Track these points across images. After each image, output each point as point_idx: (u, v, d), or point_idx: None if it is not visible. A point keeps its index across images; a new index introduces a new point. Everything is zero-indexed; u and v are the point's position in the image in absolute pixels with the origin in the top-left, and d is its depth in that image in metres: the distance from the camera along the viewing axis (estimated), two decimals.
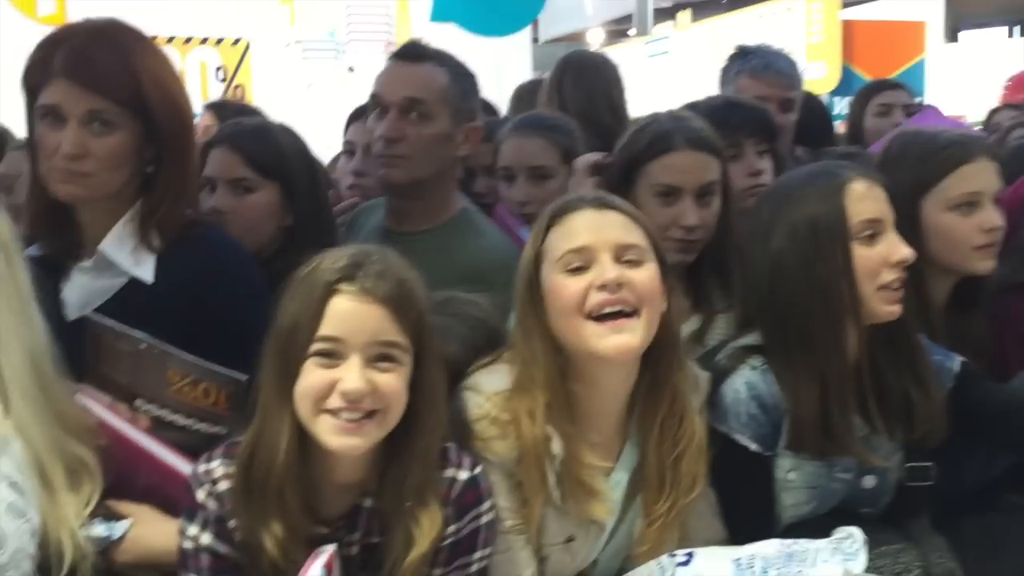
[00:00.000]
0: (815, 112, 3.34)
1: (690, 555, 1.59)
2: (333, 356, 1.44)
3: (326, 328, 1.44)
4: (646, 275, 1.59)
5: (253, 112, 3.13)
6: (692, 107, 2.37)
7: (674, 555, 1.61)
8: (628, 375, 1.65)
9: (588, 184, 2.15)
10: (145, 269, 1.77)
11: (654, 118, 2.11)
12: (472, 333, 1.77)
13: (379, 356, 1.46)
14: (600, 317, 1.56)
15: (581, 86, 3.10)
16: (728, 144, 2.25)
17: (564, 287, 1.58)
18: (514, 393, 1.61)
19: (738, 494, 1.76)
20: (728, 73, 2.97)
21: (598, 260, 1.57)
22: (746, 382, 1.77)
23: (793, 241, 1.77)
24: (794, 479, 1.79)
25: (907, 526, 1.86)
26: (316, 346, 1.44)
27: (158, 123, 1.75)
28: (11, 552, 1.43)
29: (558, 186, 2.47)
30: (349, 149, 2.86)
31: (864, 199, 1.77)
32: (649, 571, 1.63)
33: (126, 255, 1.77)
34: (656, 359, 1.63)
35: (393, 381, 1.46)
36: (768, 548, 1.56)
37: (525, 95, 3.67)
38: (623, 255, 1.59)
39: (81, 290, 1.80)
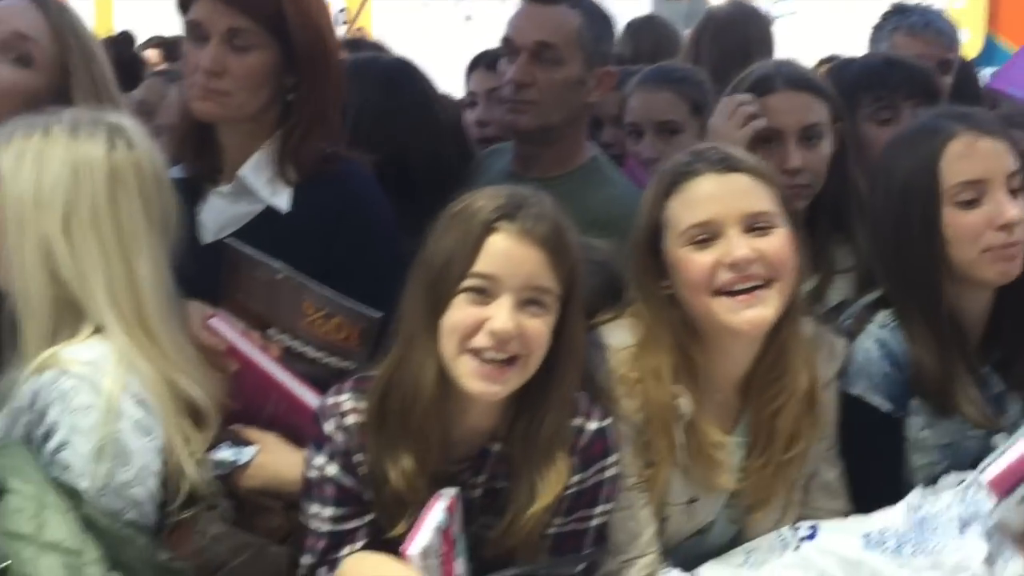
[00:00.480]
0: (967, 78, 3.16)
1: (814, 528, 1.54)
2: (484, 294, 1.42)
3: (481, 265, 1.41)
4: (777, 242, 1.51)
5: (383, 50, 3.11)
6: (847, 64, 2.26)
7: (797, 528, 1.56)
8: (758, 341, 1.59)
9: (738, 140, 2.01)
10: (281, 198, 1.77)
11: (758, 64, 2.05)
12: (593, 279, 1.72)
13: (530, 300, 1.42)
14: (731, 291, 1.50)
15: (718, 42, 3.00)
16: (883, 106, 2.15)
17: (690, 263, 1.52)
18: (640, 351, 1.57)
19: (867, 460, 1.69)
20: (882, 30, 2.81)
21: (725, 234, 1.50)
22: (876, 340, 1.70)
23: (887, 200, 1.72)
24: (927, 437, 1.71)
25: None
26: (468, 282, 1.42)
27: (296, 47, 1.74)
28: (137, 469, 1.46)
29: (689, 141, 2.36)
30: (471, 100, 2.80)
31: (964, 158, 1.66)
32: (770, 542, 1.58)
33: (264, 183, 1.77)
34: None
35: (540, 327, 1.43)
36: (895, 518, 1.49)
37: (638, 30, 3.54)
38: (752, 224, 1.51)
39: (217, 214, 1.81)
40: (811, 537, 1.51)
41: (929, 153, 1.68)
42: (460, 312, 1.42)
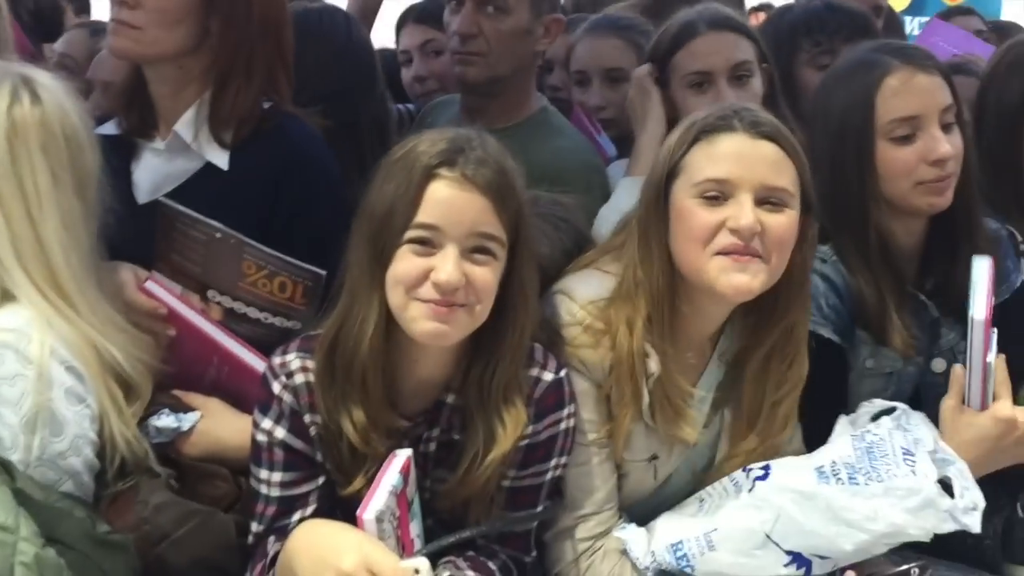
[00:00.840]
0: (893, 24, 3.16)
1: (767, 468, 1.53)
2: (428, 244, 1.37)
3: (423, 215, 1.37)
4: (784, 222, 1.48)
5: None
6: (786, 10, 2.25)
7: (749, 469, 1.54)
8: (733, 305, 1.56)
9: (653, 94, 2.01)
10: (220, 155, 1.69)
11: (679, 13, 2.04)
12: (559, 235, 1.69)
13: (475, 248, 1.38)
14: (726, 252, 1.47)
15: None
16: (823, 51, 2.16)
17: (695, 216, 1.47)
18: (614, 301, 1.54)
19: (816, 390, 1.65)
20: None
21: (737, 198, 1.46)
22: (819, 274, 1.69)
23: (824, 134, 1.72)
24: (872, 366, 1.72)
25: None
26: (411, 233, 1.37)
27: None
28: (71, 438, 1.40)
29: None
30: (406, 59, 2.71)
31: (899, 95, 1.67)
32: (723, 487, 1.57)
33: (200, 138, 1.68)
34: (776, 296, 1.53)
35: (487, 275, 1.39)
36: (843, 448, 1.49)
37: None
38: (766, 197, 1.47)
39: (153, 172, 1.72)
40: (764, 477, 1.50)
41: (865, 88, 1.68)
42: (404, 263, 1.37)
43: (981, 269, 1.59)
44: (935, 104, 1.67)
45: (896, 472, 1.43)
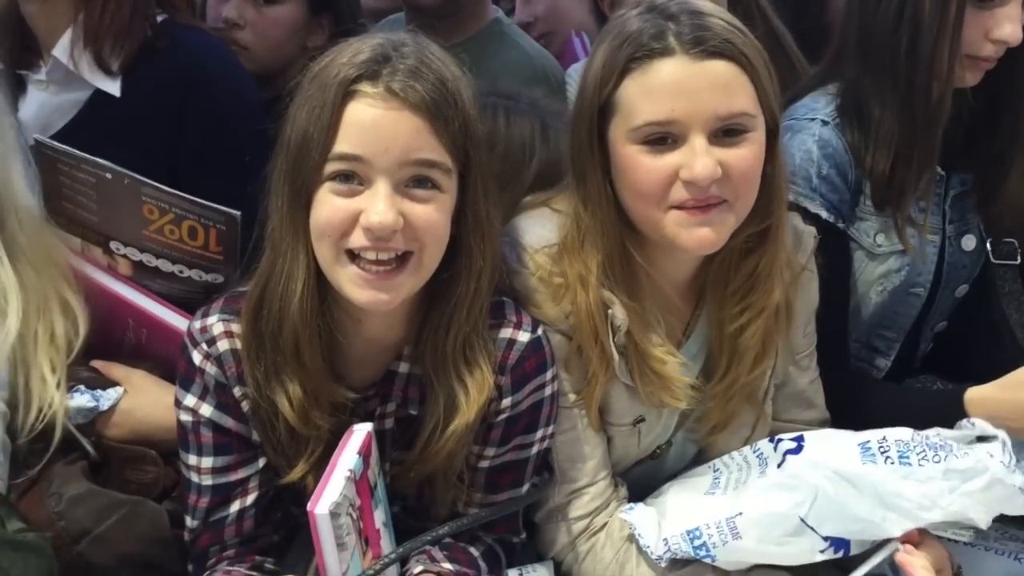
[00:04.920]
0: None
1: (799, 440, 1.27)
2: (353, 180, 1.11)
3: (343, 143, 1.10)
4: (748, 155, 1.20)
5: None
6: None
7: (779, 440, 1.29)
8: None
9: None
10: (110, 79, 1.42)
11: None
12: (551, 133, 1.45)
13: (413, 179, 1.11)
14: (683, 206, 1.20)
15: None
16: None
17: (641, 169, 1.20)
18: (565, 252, 1.28)
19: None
20: None
21: (688, 140, 1.18)
22: (817, 140, 1.45)
23: None
24: (883, 243, 1.52)
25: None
26: (331, 167, 1.10)
27: None
28: None
29: None
30: None
31: None
32: (743, 458, 1.33)
33: (85, 63, 1.42)
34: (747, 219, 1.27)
35: (431, 213, 1.12)
36: (901, 432, 1.23)
37: None
38: (722, 128, 1.18)
39: (39, 108, 1.47)
40: (796, 451, 1.24)
41: None
42: (327, 207, 1.11)
43: None
44: None
45: (956, 453, 1.18)
